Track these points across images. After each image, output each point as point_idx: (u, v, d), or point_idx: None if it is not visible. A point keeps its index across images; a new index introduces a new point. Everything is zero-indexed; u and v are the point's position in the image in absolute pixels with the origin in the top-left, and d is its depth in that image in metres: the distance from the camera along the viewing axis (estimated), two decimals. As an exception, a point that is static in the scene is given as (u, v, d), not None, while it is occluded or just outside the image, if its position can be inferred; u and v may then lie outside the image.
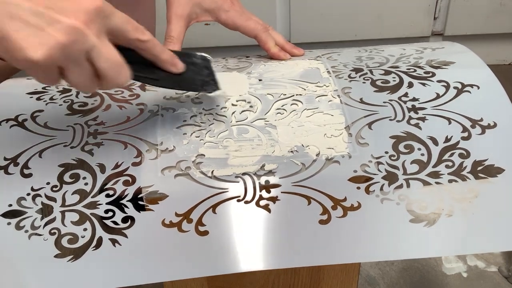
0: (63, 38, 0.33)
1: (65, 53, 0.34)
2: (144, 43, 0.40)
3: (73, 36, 0.33)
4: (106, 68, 0.36)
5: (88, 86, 0.37)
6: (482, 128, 0.45)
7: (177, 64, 0.43)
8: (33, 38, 0.33)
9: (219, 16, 0.58)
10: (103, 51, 0.36)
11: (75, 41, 0.34)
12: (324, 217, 0.40)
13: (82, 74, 0.36)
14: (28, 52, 0.32)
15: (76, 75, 0.36)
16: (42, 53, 0.33)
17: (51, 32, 0.33)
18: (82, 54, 0.35)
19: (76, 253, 0.39)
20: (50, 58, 0.33)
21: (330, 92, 0.50)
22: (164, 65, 0.42)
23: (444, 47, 0.57)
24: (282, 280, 0.54)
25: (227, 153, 0.45)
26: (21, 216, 0.41)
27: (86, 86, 0.37)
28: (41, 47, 0.33)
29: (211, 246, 0.39)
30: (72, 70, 0.35)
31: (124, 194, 0.42)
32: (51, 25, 0.33)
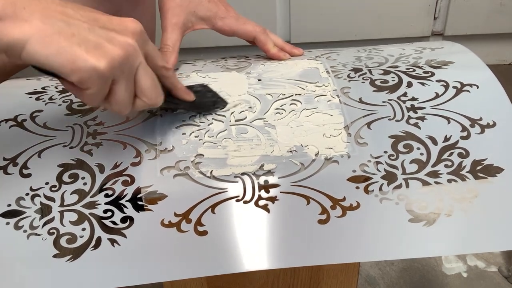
0: (121, 52, 0.36)
1: (122, 66, 0.36)
2: (168, 71, 0.43)
3: (129, 51, 0.37)
4: (148, 87, 0.39)
5: (128, 104, 0.39)
6: (482, 127, 0.45)
7: (190, 93, 0.46)
8: (96, 51, 0.35)
9: (215, 24, 0.59)
10: (148, 70, 0.39)
11: (131, 56, 0.37)
12: (323, 216, 0.40)
13: (127, 90, 0.38)
14: (94, 61, 0.35)
15: (123, 91, 0.38)
16: (106, 62, 0.35)
17: (110, 47, 0.36)
18: (134, 69, 0.38)
19: (75, 253, 0.39)
20: (111, 68, 0.35)
21: (329, 92, 0.50)
22: (180, 92, 0.45)
23: (444, 47, 0.57)
24: (282, 280, 0.54)
25: (226, 153, 0.45)
26: (20, 216, 0.41)
27: (127, 104, 0.39)
28: (104, 58, 0.35)
29: (210, 246, 0.39)
30: (122, 85, 0.37)
31: (123, 194, 0.42)
32: (109, 41, 0.36)
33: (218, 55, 0.63)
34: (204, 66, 0.57)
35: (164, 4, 0.57)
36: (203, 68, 0.56)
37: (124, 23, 0.38)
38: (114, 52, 0.36)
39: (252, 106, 0.49)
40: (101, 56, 0.35)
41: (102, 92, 0.37)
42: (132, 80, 0.38)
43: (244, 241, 0.40)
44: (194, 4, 0.57)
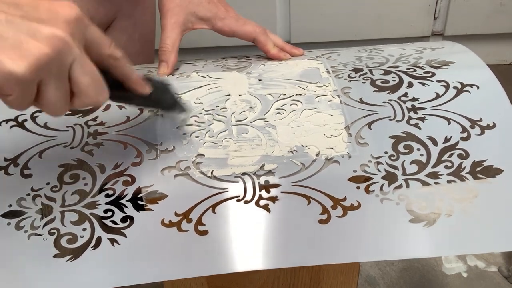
0: (47, 48, 0.30)
1: (49, 65, 0.31)
2: (118, 60, 0.37)
3: (58, 46, 0.31)
4: (87, 83, 0.33)
5: (63, 106, 0.33)
6: (481, 128, 0.45)
7: (145, 86, 0.41)
8: (14, 51, 0.29)
9: (215, 24, 0.59)
10: (85, 65, 0.33)
11: (60, 52, 0.31)
12: (324, 216, 0.40)
13: (59, 90, 0.32)
14: (10, 65, 0.29)
15: (53, 92, 0.32)
16: (26, 65, 0.29)
17: (33, 44, 0.30)
18: (66, 67, 0.32)
19: (75, 253, 0.39)
20: (34, 70, 0.30)
21: (329, 92, 0.50)
22: (133, 84, 0.39)
23: (444, 47, 0.57)
24: (282, 280, 0.54)
25: (226, 153, 0.45)
26: (21, 216, 0.41)
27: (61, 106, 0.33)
28: (24, 59, 0.29)
29: (210, 246, 0.39)
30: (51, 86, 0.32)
31: (124, 194, 0.42)
32: (32, 35, 0.30)
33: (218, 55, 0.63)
34: (204, 66, 0.57)
35: (164, 5, 0.57)
36: (204, 68, 0.56)
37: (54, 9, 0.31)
38: (37, 51, 0.30)
39: (252, 106, 0.49)
40: (20, 57, 0.29)
41: (27, 97, 0.31)
42: (65, 78, 0.32)
43: (244, 241, 0.40)
44: (194, 4, 0.57)
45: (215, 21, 0.58)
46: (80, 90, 0.33)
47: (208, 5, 0.58)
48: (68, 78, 0.33)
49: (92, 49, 0.35)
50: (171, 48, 0.56)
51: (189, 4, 0.57)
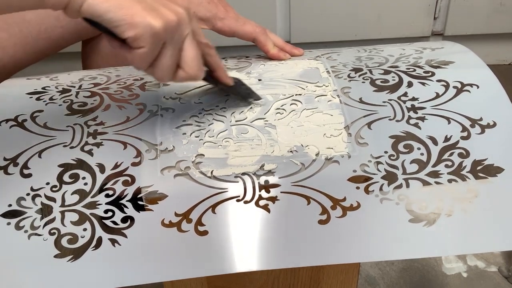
0: (175, 17, 0.38)
1: (174, 31, 0.38)
2: (211, 49, 0.44)
3: (181, 18, 0.39)
4: (192, 58, 0.41)
5: (170, 71, 0.40)
6: (482, 127, 0.45)
7: (229, 76, 0.47)
8: (153, 11, 0.37)
9: (215, 25, 0.59)
10: (193, 41, 0.41)
11: (182, 23, 0.39)
12: (324, 217, 0.40)
13: (173, 57, 0.40)
14: (150, 19, 0.37)
15: (169, 56, 0.39)
16: (161, 22, 0.37)
17: (165, 11, 0.38)
18: (182, 37, 0.40)
19: (76, 253, 0.39)
20: (166, 29, 0.38)
21: (329, 92, 0.50)
22: (221, 73, 0.46)
23: (444, 47, 0.57)
24: (282, 280, 0.54)
25: (226, 153, 0.45)
26: (21, 216, 0.41)
27: (170, 71, 0.40)
28: (160, 19, 0.37)
29: (210, 246, 0.39)
30: (169, 50, 0.39)
31: (124, 194, 0.42)
32: (165, 7, 0.39)
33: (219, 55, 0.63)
34: (204, 66, 0.57)
35: None
36: (204, 68, 0.56)
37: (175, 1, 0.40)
38: (168, 16, 0.38)
39: (252, 106, 0.49)
40: (158, 16, 0.37)
41: (153, 53, 0.38)
42: (179, 48, 0.40)
43: (244, 241, 0.40)
44: (194, 4, 0.57)
45: (215, 21, 0.59)
46: (186, 62, 0.41)
47: (208, 5, 0.58)
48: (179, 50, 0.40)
49: (194, 36, 0.42)
50: None
51: (189, 4, 0.57)
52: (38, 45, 0.65)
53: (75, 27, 0.67)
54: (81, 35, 0.70)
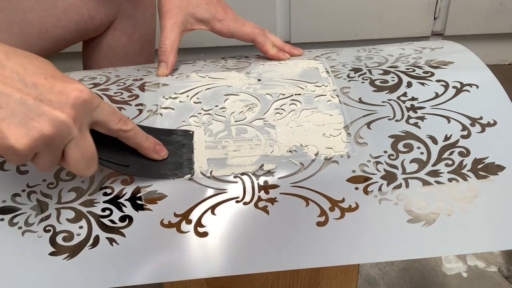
0: (49, 130, 0.34)
1: (47, 143, 0.34)
2: (127, 133, 0.40)
3: (59, 129, 0.34)
4: (76, 160, 0.37)
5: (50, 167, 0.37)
6: (482, 126, 0.45)
7: (160, 151, 0.43)
8: (19, 129, 0.33)
9: (214, 26, 0.59)
10: (81, 145, 0.36)
11: (59, 134, 0.34)
12: (322, 219, 0.40)
13: (50, 160, 0.36)
14: (11, 141, 0.33)
15: (45, 160, 0.36)
16: (25, 143, 0.33)
17: (37, 124, 0.34)
18: (62, 144, 0.36)
19: (72, 252, 0.39)
20: (31, 147, 0.34)
21: (329, 92, 0.50)
22: (146, 152, 0.42)
23: (443, 47, 0.57)
24: (282, 280, 0.54)
25: (226, 153, 0.45)
26: (15, 212, 0.40)
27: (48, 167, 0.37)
28: (25, 138, 0.33)
29: (210, 247, 0.39)
30: (45, 156, 0.35)
31: (122, 193, 0.42)
32: (39, 116, 0.34)
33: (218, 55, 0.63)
34: (204, 66, 0.57)
35: (163, 6, 0.57)
36: (203, 68, 0.56)
37: (65, 93, 0.35)
38: (38, 131, 0.33)
39: (252, 106, 0.49)
40: (23, 135, 0.33)
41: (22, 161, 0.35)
42: (58, 152, 0.36)
43: (243, 243, 0.40)
44: (193, 5, 0.57)
45: (213, 23, 0.58)
46: (69, 163, 0.37)
47: (206, 7, 0.58)
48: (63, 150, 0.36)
49: (101, 126, 0.38)
50: (170, 48, 0.56)
51: (188, 5, 0.57)
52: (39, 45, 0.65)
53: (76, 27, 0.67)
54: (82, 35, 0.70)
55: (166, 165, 0.43)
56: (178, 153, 0.44)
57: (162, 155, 0.43)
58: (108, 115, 0.38)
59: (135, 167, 0.42)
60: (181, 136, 0.46)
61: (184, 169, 0.43)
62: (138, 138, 0.41)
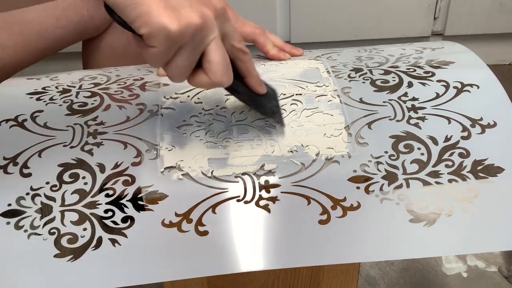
0: (197, 20, 0.36)
1: (195, 34, 0.36)
2: (245, 55, 0.41)
3: (205, 21, 0.36)
4: (217, 62, 0.38)
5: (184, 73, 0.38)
6: (482, 127, 0.45)
7: (262, 85, 0.44)
8: (173, 12, 0.35)
9: None
10: (221, 46, 0.38)
11: (206, 27, 0.36)
12: (324, 217, 0.40)
13: (189, 59, 0.37)
14: (166, 21, 0.35)
15: (183, 60, 0.37)
16: (178, 25, 0.35)
17: (187, 12, 0.36)
18: (205, 41, 0.37)
19: (76, 253, 0.39)
20: (182, 33, 0.35)
21: (329, 92, 0.50)
22: (253, 81, 0.43)
23: (444, 47, 0.57)
24: (282, 280, 0.54)
25: (226, 153, 0.45)
26: (20, 215, 0.41)
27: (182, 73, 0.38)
28: (178, 21, 0.35)
29: (211, 246, 0.39)
30: (186, 52, 0.37)
31: (124, 194, 0.42)
32: (190, 7, 0.36)
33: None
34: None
35: None
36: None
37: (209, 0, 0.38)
38: (191, 19, 0.35)
39: None
40: (176, 18, 0.35)
41: (166, 54, 0.37)
42: (199, 51, 0.37)
43: (244, 241, 0.40)
44: None
45: None
46: (210, 67, 0.38)
47: None
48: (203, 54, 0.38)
49: (227, 40, 0.40)
50: None
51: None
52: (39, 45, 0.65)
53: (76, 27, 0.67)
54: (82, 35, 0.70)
55: (265, 106, 0.45)
56: (272, 101, 0.46)
57: (263, 89, 0.44)
58: (235, 31, 0.40)
59: (245, 96, 0.44)
60: (270, 89, 0.46)
61: (277, 116, 0.46)
62: (251, 64, 0.42)
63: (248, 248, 0.39)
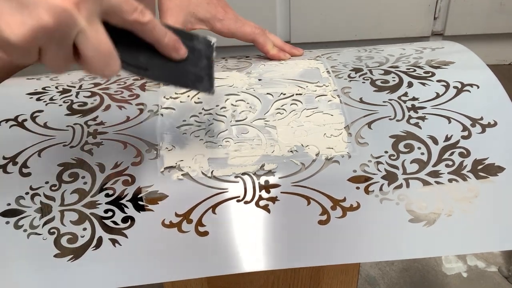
0: (48, 19, 0.29)
1: (48, 36, 0.30)
2: (144, 25, 0.35)
3: (60, 18, 0.30)
4: (92, 56, 0.33)
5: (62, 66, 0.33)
6: (482, 126, 0.45)
7: (179, 50, 0.39)
8: (13, 17, 0.29)
9: (214, 26, 0.59)
10: (92, 38, 0.32)
11: (61, 24, 0.30)
12: (323, 217, 0.40)
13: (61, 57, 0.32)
14: (5, 32, 0.29)
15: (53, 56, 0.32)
16: (21, 34, 0.29)
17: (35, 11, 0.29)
18: (69, 37, 0.31)
19: (76, 253, 0.39)
20: (30, 40, 0.29)
21: (329, 92, 0.50)
22: (165, 50, 0.38)
23: (444, 47, 0.57)
24: (282, 280, 0.54)
25: (226, 153, 0.45)
26: (20, 215, 0.41)
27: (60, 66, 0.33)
28: (21, 28, 0.29)
29: (211, 247, 0.39)
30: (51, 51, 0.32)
31: (124, 194, 0.42)
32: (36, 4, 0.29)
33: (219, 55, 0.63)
34: (204, 66, 0.57)
35: (163, 4, 0.57)
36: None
37: None
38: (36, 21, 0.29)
39: (252, 106, 0.49)
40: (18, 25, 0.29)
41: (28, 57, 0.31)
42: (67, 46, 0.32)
43: (244, 242, 0.40)
44: (193, 5, 0.57)
45: (213, 23, 0.58)
46: (85, 60, 0.33)
47: (207, 6, 0.58)
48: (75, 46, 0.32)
49: (114, 16, 0.34)
50: None
51: (189, 4, 0.57)
52: None
53: None
54: None
55: (187, 74, 0.39)
56: (198, 63, 0.40)
57: (181, 54, 0.39)
58: (120, 3, 0.33)
59: (155, 71, 0.38)
60: (202, 44, 0.41)
61: (203, 84, 0.39)
62: (156, 32, 0.37)
63: (248, 249, 0.39)
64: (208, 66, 0.41)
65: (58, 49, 0.32)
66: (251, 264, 0.39)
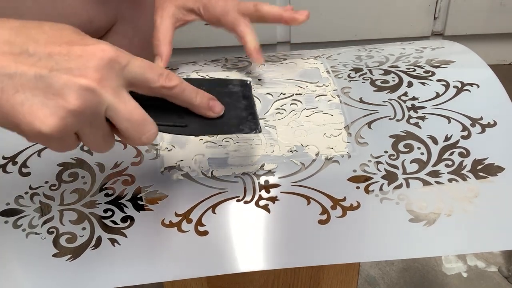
0: (75, 103, 0.29)
1: (80, 119, 0.30)
2: (171, 90, 0.35)
3: (86, 98, 0.30)
4: (127, 128, 0.32)
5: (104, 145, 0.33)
6: (482, 126, 0.45)
7: (214, 107, 0.37)
8: (41, 109, 0.29)
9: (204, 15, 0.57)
10: (122, 110, 0.32)
11: (88, 104, 0.30)
12: (324, 217, 0.40)
13: (97, 135, 0.32)
14: (37, 125, 0.29)
15: (91, 137, 0.32)
16: (53, 125, 0.29)
17: (61, 99, 0.29)
18: (99, 115, 0.31)
19: (75, 253, 0.39)
20: (61, 129, 0.30)
21: (329, 92, 0.50)
22: (199, 110, 0.37)
23: (444, 46, 0.57)
24: (282, 280, 0.54)
25: (226, 153, 0.45)
26: (19, 214, 0.40)
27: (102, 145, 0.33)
28: (51, 119, 0.29)
29: (211, 246, 0.39)
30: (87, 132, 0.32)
31: (124, 193, 0.42)
32: (60, 89, 0.29)
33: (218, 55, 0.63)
34: (204, 66, 0.57)
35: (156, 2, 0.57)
36: (203, 68, 0.56)
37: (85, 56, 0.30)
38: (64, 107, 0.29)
39: None
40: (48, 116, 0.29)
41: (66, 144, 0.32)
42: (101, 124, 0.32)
43: (244, 241, 0.40)
44: None
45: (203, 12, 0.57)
46: (121, 133, 0.33)
47: None
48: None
49: (139, 86, 0.33)
50: (162, 40, 0.54)
51: None
52: None
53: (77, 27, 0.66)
54: None
55: (229, 120, 0.38)
56: (238, 105, 0.39)
57: (217, 111, 0.37)
58: (143, 71, 0.33)
59: (195, 125, 0.37)
60: (238, 86, 0.40)
61: (250, 124, 0.38)
62: (186, 95, 0.36)
63: (248, 248, 0.39)
64: (249, 106, 0.40)
65: (94, 129, 0.32)
66: (251, 264, 0.39)
